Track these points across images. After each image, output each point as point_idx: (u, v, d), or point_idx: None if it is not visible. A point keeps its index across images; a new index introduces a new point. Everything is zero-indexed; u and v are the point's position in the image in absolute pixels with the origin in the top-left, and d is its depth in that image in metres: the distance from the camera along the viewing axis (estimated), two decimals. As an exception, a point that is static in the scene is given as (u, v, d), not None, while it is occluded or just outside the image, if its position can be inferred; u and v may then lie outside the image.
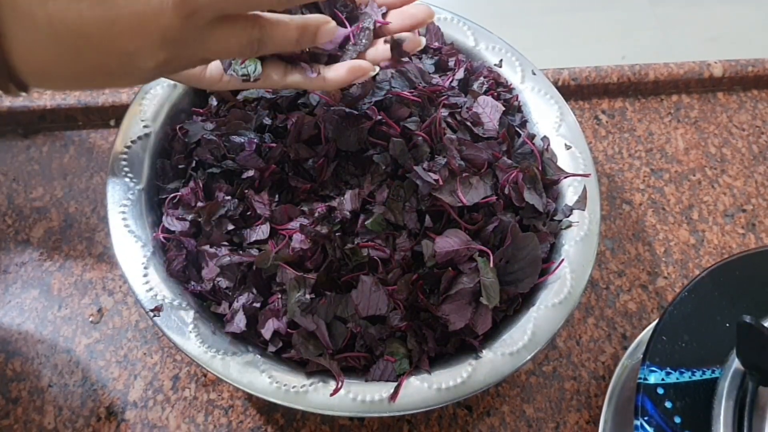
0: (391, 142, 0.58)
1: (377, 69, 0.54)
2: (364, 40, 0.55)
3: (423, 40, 0.56)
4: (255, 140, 0.59)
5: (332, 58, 0.54)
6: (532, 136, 0.65)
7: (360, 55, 0.55)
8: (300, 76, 0.52)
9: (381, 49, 0.56)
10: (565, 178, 0.63)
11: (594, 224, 0.60)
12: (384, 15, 0.56)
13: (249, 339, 0.55)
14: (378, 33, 0.56)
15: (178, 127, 0.62)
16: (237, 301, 0.55)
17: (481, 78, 0.66)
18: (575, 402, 0.65)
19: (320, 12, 0.54)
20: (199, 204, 0.58)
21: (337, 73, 0.53)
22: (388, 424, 0.62)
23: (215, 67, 0.52)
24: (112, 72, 0.41)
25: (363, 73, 0.53)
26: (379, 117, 0.58)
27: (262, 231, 0.57)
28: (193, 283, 0.56)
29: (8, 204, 0.70)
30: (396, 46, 0.55)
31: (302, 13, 0.53)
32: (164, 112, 0.62)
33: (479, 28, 0.71)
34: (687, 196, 0.78)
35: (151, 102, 0.62)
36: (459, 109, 0.62)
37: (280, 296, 0.55)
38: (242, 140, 0.59)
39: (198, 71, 0.52)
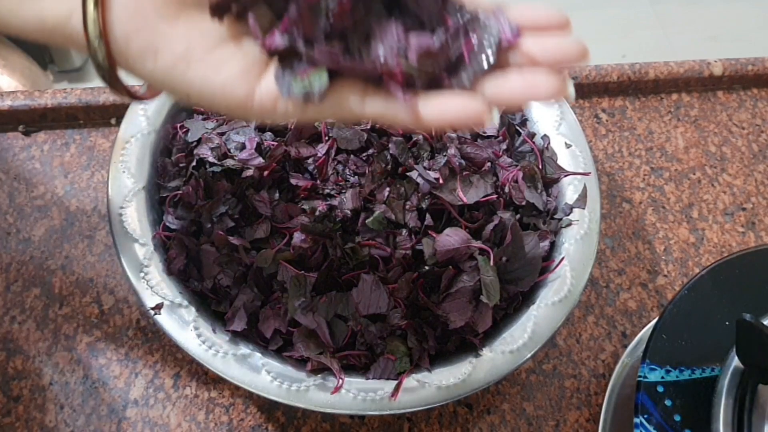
0: (391, 141, 0.58)
1: (496, 116, 0.37)
2: (482, 62, 0.38)
3: (572, 91, 0.37)
4: (256, 139, 0.59)
5: (433, 82, 0.38)
6: (532, 135, 0.65)
7: (474, 85, 0.38)
8: (383, 104, 0.38)
9: (510, 84, 0.37)
10: (566, 176, 0.63)
11: (594, 223, 0.61)
12: (515, 35, 0.38)
13: (250, 337, 0.55)
14: (502, 59, 0.38)
15: (178, 126, 0.62)
16: (238, 300, 0.55)
17: (482, 77, 0.66)
18: (575, 400, 0.65)
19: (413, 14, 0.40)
20: (200, 202, 0.58)
21: (437, 109, 0.37)
22: (388, 422, 0.62)
23: (267, 91, 0.39)
24: None
25: (474, 118, 0.37)
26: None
27: (262, 230, 0.57)
28: (193, 281, 0.56)
29: (9, 202, 0.70)
30: None
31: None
32: (165, 111, 0.62)
33: (479, 27, 0.71)
34: (687, 195, 0.78)
35: (151, 101, 0.62)
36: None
37: (280, 295, 0.55)
38: (243, 138, 0.59)
39: (244, 94, 0.39)
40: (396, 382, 0.53)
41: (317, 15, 0.37)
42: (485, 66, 0.38)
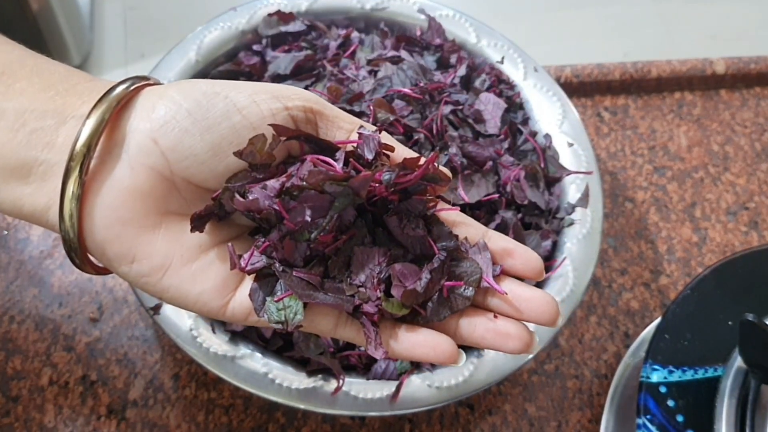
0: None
1: (463, 358, 0.39)
2: (460, 303, 0.39)
3: (537, 349, 0.39)
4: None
5: (410, 314, 0.39)
6: (534, 134, 0.65)
7: (448, 322, 0.39)
8: (355, 334, 0.39)
9: (481, 330, 0.39)
10: (568, 175, 0.63)
11: (596, 222, 0.60)
12: (496, 280, 0.39)
13: (249, 337, 0.55)
14: (477, 298, 0.39)
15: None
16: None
17: (483, 75, 0.66)
18: (577, 401, 0.64)
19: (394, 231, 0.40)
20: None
21: (408, 345, 0.38)
22: (389, 423, 0.61)
23: (240, 303, 0.39)
24: None
25: (444, 358, 0.38)
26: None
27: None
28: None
29: (8, 202, 0.70)
30: None
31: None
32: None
33: (481, 25, 0.70)
34: (690, 194, 0.78)
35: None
36: (461, 107, 0.62)
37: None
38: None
39: (217, 306, 0.39)
40: (397, 382, 0.52)
41: (299, 241, 0.38)
42: (461, 306, 0.39)
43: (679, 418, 0.52)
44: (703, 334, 0.56)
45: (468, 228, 0.42)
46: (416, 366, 0.54)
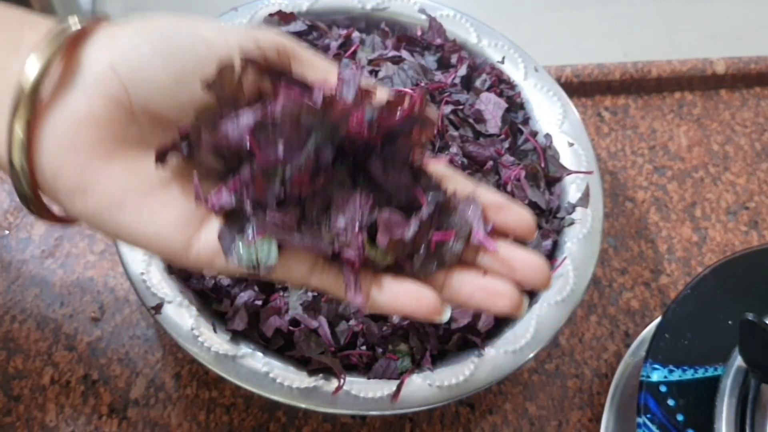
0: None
1: (448, 313, 0.37)
2: (448, 256, 0.37)
3: (525, 312, 0.38)
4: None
5: (394, 266, 0.37)
6: (534, 133, 0.65)
7: (434, 278, 0.37)
8: (332, 282, 0.37)
9: (470, 287, 0.37)
10: (568, 175, 0.63)
11: (597, 222, 0.60)
12: (487, 236, 0.37)
13: (251, 337, 0.55)
14: (466, 254, 0.37)
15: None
16: (238, 299, 0.55)
17: (484, 75, 0.66)
18: (578, 400, 0.64)
19: (381, 187, 0.37)
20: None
21: (390, 297, 0.36)
22: (390, 422, 0.61)
23: (206, 246, 0.36)
24: None
25: (427, 313, 0.36)
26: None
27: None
28: (194, 280, 0.56)
29: (10, 201, 0.70)
30: None
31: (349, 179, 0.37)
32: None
33: (482, 25, 0.70)
34: (690, 194, 0.78)
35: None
36: (461, 106, 0.62)
37: (281, 294, 0.55)
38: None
39: (179, 246, 0.36)
40: (398, 381, 0.53)
41: (272, 180, 0.35)
42: (450, 260, 0.37)
43: (680, 418, 0.52)
44: (703, 334, 0.56)
45: (457, 182, 0.40)
46: (417, 365, 0.54)
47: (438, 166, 0.40)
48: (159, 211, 0.36)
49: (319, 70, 0.39)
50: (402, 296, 0.36)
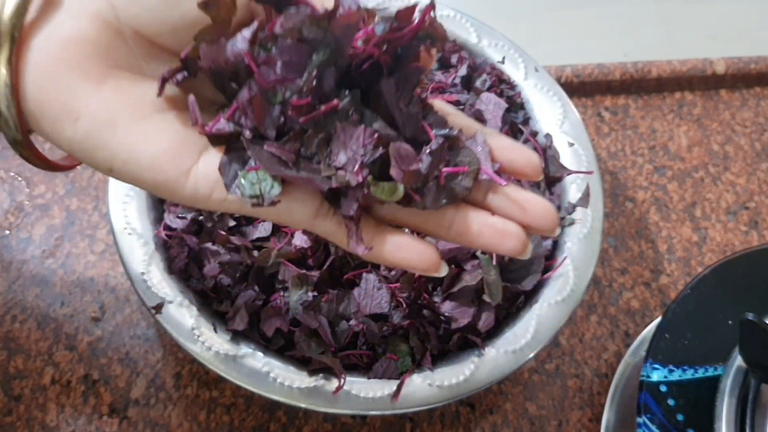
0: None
1: (445, 269, 0.37)
2: (457, 191, 0.36)
3: (528, 256, 0.37)
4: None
5: (404, 200, 0.35)
6: (534, 133, 0.65)
7: (443, 215, 0.37)
8: (335, 228, 0.36)
9: (477, 227, 0.36)
10: (568, 175, 0.63)
11: (597, 222, 0.60)
12: (495, 173, 0.36)
13: (251, 337, 0.55)
14: (477, 198, 0.37)
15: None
16: (239, 299, 0.55)
17: (484, 75, 0.66)
18: (578, 400, 0.64)
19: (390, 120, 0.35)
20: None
21: (392, 249, 0.36)
22: (390, 422, 0.61)
23: (204, 176, 0.35)
24: None
25: (428, 267, 0.36)
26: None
27: (264, 228, 0.57)
28: (194, 280, 0.56)
29: (10, 201, 0.70)
30: None
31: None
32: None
33: (482, 25, 0.71)
34: (690, 194, 0.78)
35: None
36: (462, 106, 0.62)
37: (282, 294, 0.55)
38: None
39: (176, 174, 0.34)
40: (398, 381, 0.53)
41: (271, 103, 0.33)
42: (460, 194, 0.36)
43: (680, 417, 0.52)
44: (703, 334, 0.56)
45: (463, 120, 0.39)
46: (417, 365, 0.54)
47: (442, 104, 0.38)
48: (154, 136, 0.34)
49: None
50: (404, 249, 0.36)
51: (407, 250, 0.36)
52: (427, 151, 0.35)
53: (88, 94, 0.33)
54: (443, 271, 0.37)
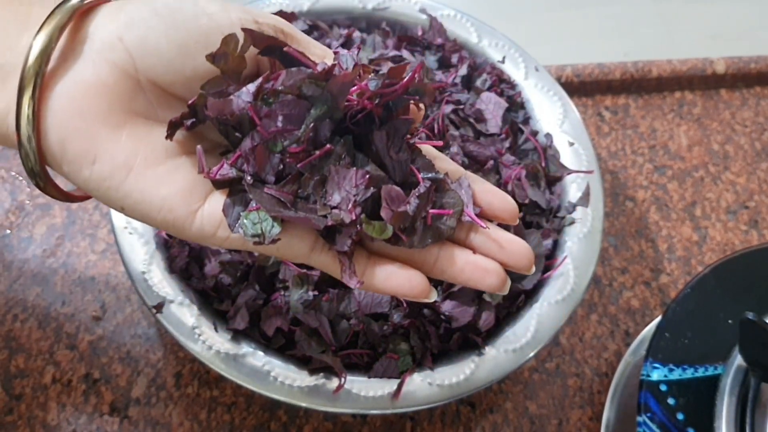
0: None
1: (434, 294, 0.39)
2: (442, 231, 0.39)
3: (505, 293, 0.40)
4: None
5: (391, 240, 0.38)
6: (535, 133, 0.65)
7: (428, 252, 0.39)
8: (330, 261, 0.38)
9: (460, 265, 0.39)
10: (569, 174, 0.63)
11: (597, 221, 0.60)
12: (477, 215, 0.40)
13: (252, 336, 0.55)
14: (459, 237, 0.40)
15: (180, 124, 0.62)
16: (239, 298, 0.55)
17: (484, 74, 0.66)
18: (578, 399, 0.65)
19: (382, 165, 0.39)
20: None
21: (382, 278, 0.38)
22: (390, 421, 0.62)
23: (210, 216, 0.37)
24: None
25: (417, 294, 0.38)
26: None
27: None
28: (195, 279, 0.56)
29: (11, 200, 0.70)
30: None
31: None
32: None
33: (482, 25, 0.71)
34: (690, 193, 0.78)
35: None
36: (462, 106, 0.62)
37: (282, 293, 0.55)
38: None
39: (184, 214, 0.37)
40: (398, 380, 0.53)
41: (272, 151, 0.36)
42: (445, 234, 0.39)
43: (680, 416, 0.52)
44: (703, 333, 0.56)
45: (448, 164, 0.42)
46: (417, 364, 0.54)
47: (430, 149, 0.42)
48: (165, 179, 0.37)
49: (316, 53, 0.40)
50: (394, 278, 0.38)
51: (396, 279, 0.38)
52: (416, 194, 0.38)
53: (106, 138, 0.36)
54: (432, 296, 0.39)
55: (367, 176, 0.37)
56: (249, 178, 0.37)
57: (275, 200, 0.36)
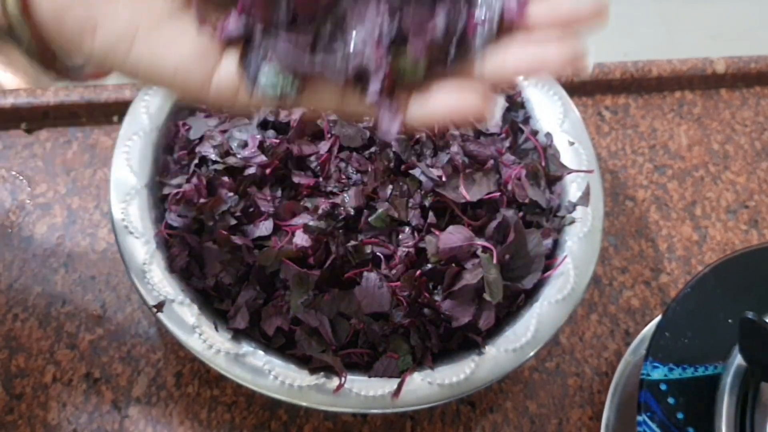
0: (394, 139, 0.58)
1: (498, 108, 0.36)
2: (483, 40, 0.32)
3: (589, 62, 0.32)
4: (258, 136, 0.59)
5: (432, 64, 0.33)
6: (535, 132, 0.65)
7: (467, 67, 0.33)
8: (367, 108, 0.34)
9: (513, 56, 0.32)
10: (569, 174, 0.63)
11: (597, 220, 0.61)
12: (521, 7, 0.32)
13: (252, 335, 0.55)
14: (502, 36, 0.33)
15: (181, 123, 0.62)
16: (240, 298, 0.55)
17: (484, 74, 0.66)
18: (578, 398, 0.65)
19: None
20: (202, 200, 0.58)
21: (429, 110, 0.33)
22: (391, 420, 0.62)
23: (227, 78, 0.35)
24: None
25: (471, 114, 0.33)
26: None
27: (265, 227, 0.57)
28: (195, 279, 0.56)
29: (12, 200, 0.70)
30: None
31: None
32: (167, 108, 0.62)
33: (482, 25, 0.71)
34: (690, 193, 0.78)
35: (154, 98, 0.62)
36: (462, 106, 0.62)
37: (283, 293, 0.55)
38: (245, 136, 0.59)
39: (200, 80, 0.35)
40: (398, 380, 0.53)
41: None
42: (485, 44, 0.32)
43: (680, 416, 0.52)
44: (703, 332, 0.56)
45: None
46: (418, 364, 0.54)
47: None
48: (174, 44, 0.34)
49: None
50: (440, 105, 0.33)
51: (448, 100, 0.33)
52: (442, 5, 0.32)
53: (103, 7, 0.33)
54: (496, 109, 0.33)
55: (387, 5, 0.32)
56: (259, 28, 0.33)
57: (292, 50, 0.32)
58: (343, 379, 0.52)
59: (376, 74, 0.32)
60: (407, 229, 0.57)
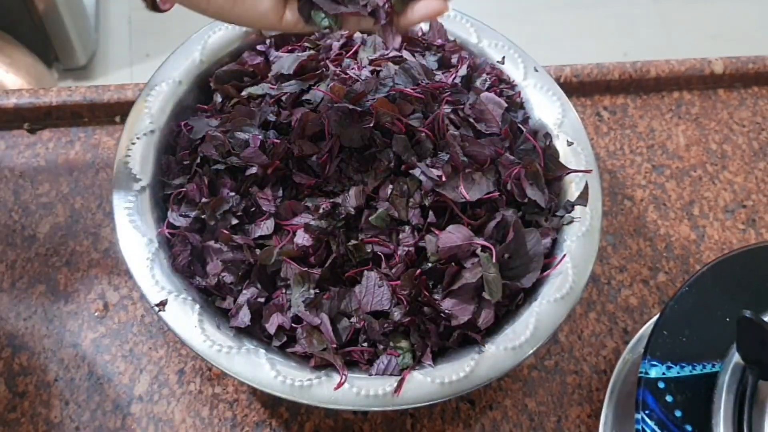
0: (394, 139, 0.58)
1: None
2: None
3: None
4: (259, 136, 0.59)
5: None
6: (534, 133, 0.65)
7: None
8: (377, 27, 0.53)
9: None
10: (567, 174, 0.63)
11: (596, 220, 0.61)
12: None
13: (253, 333, 0.55)
14: None
15: (182, 124, 0.63)
16: (242, 296, 0.56)
17: (484, 75, 0.67)
18: (577, 396, 0.65)
19: None
20: (204, 200, 0.58)
21: (411, 18, 0.52)
22: (391, 418, 0.62)
23: (292, 17, 0.53)
24: None
25: (439, 13, 0.53)
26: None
27: (266, 226, 0.58)
28: (197, 278, 0.57)
29: (15, 200, 0.71)
30: None
31: None
32: (169, 109, 0.63)
33: (482, 25, 0.71)
34: (688, 192, 0.78)
35: (156, 98, 0.63)
36: (462, 106, 0.63)
37: (284, 291, 0.56)
38: (246, 136, 0.60)
39: (275, 20, 0.53)
40: (399, 378, 0.53)
41: None
42: None
43: (678, 413, 0.53)
44: (701, 331, 0.57)
45: None
46: (418, 362, 0.54)
47: None
48: (258, 3, 0.52)
49: None
50: (418, 9, 0.52)
51: (420, 10, 0.52)
52: None
53: None
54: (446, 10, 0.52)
55: None
56: None
57: (329, 2, 0.52)
58: (343, 377, 0.53)
59: (382, 8, 0.52)
60: (407, 228, 0.57)
